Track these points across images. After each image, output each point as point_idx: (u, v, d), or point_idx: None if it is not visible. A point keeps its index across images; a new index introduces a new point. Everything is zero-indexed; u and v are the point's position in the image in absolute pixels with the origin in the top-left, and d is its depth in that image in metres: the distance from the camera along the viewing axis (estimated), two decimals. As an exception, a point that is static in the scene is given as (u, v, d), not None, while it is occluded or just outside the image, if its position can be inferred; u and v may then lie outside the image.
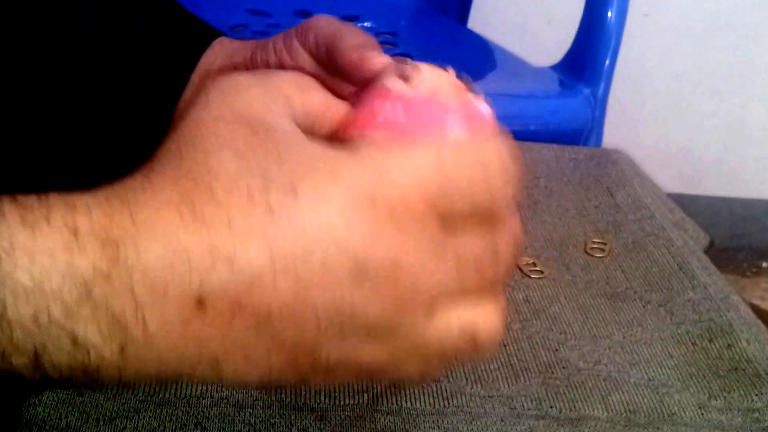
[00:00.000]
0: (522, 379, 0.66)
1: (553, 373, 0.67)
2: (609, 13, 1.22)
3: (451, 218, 0.38)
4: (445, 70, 0.46)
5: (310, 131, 0.41)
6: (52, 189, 0.64)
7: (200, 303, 0.34)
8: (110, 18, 0.71)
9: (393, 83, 0.44)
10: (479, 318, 0.40)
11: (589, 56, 1.23)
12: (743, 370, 0.70)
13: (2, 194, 0.35)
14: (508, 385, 0.66)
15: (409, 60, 0.48)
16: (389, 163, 0.37)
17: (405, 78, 0.44)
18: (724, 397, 0.67)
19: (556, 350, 0.70)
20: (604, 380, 0.67)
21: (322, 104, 0.43)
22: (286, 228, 0.35)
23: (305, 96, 0.42)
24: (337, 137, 0.43)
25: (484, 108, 0.45)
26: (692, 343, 0.72)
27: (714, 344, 0.72)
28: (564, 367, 0.68)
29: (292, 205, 0.35)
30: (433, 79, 0.45)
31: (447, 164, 0.38)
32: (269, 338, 0.36)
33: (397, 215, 0.37)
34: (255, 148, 0.37)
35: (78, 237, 0.34)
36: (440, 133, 0.42)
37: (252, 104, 0.39)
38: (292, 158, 0.37)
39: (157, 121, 0.68)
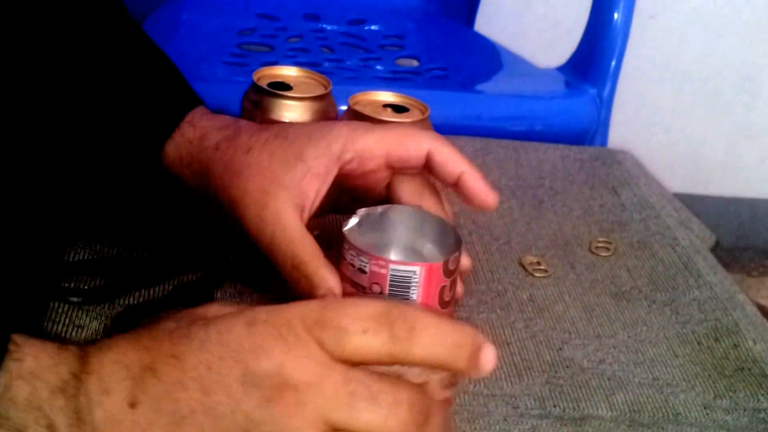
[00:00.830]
0: (525, 378, 0.66)
1: (556, 372, 0.67)
2: (615, 15, 1.22)
3: (333, 346, 0.46)
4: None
5: None
6: (53, 189, 0.66)
7: (132, 404, 0.45)
8: (110, 18, 0.71)
9: None
10: None
11: (595, 57, 1.22)
12: (749, 369, 0.69)
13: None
14: (511, 384, 0.65)
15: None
16: (281, 305, 0.48)
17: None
18: (730, 397, 0.66)
19: (560, 349, 0.69)
20: (609, 379, 0.67)
21: None
22: (196, 347, 0.46)
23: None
24: None
25: None
26: (698, 343, 0.72)
27: (720, 344, 0.72)
28: (568, 367, 0.68)
29: (202, 332, 0.47)
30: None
31: (329, 302, 0.47)
32: (185, 429, 0.45)
33: (282, 334, 0.45)
34: (188, 316, 0.52)
35: (68, 348, 0.47)
36: None
37: (210, 311, 0.53)
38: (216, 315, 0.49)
39: (157, 121, 0.68)
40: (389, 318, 0.46)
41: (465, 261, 0.66)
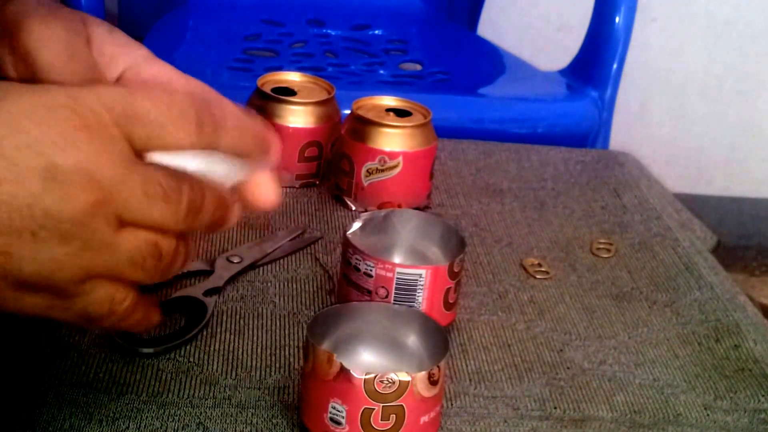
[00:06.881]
0: (526, 379, 0.66)
1: (557, 373, 0.67)
2: (617, 18, 1.23)
3: (142, 143, 0.44)
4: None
5: None
6: None
7: None
8: None
9: None
10: (164, 242, 0.45)
11: (596, 60, 1.23)
12: (750, 370, 0.69)
13: None
14: (512, 386, 0.65)
15: None
16: (85, 89, 0.44)
17: None
18: (731, 398, 0.67)
19: (561, 350, 0.70)
20: (609, 381, 0.67)
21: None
22: None
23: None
24: None
25: None
26: (698, 344, 0.72)
27: (720, 344, 0.72)
28: (568, 368, 0.68)
29: None
30: None
31: (135, 92, 0.44)
32: None
33: (89, 124, 0.42)
34: None
35: None
36: None
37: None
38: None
39: None
40: (198, 113, 0.45)
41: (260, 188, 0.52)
